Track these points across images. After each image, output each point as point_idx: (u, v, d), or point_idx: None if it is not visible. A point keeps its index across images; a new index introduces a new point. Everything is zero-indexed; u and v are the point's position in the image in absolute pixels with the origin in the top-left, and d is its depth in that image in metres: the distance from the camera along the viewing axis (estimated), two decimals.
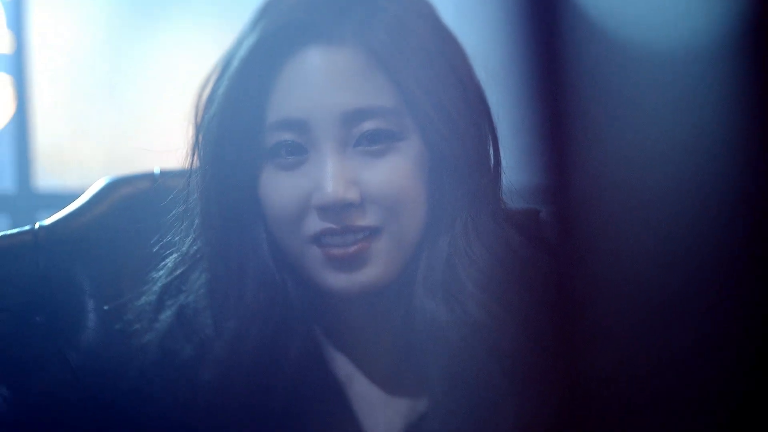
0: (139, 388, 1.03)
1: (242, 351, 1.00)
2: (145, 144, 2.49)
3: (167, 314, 1.03)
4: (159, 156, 1.13)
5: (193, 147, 1.03)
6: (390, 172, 0.98)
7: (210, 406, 1.00)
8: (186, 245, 1.04)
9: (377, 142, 0.98)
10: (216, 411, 1.00)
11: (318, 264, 0.99)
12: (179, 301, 1.03)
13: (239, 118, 0.99)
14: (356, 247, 0.97)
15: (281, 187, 0.99)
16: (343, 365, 1.05)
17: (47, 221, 1.15)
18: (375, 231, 0.98)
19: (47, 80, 2.54)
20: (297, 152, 0.99)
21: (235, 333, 1.00)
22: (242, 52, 0.99)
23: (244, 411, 1.00)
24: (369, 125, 0.98)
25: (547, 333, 0.93)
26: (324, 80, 0.98)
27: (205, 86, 1.02)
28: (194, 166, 1.03)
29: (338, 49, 0.98)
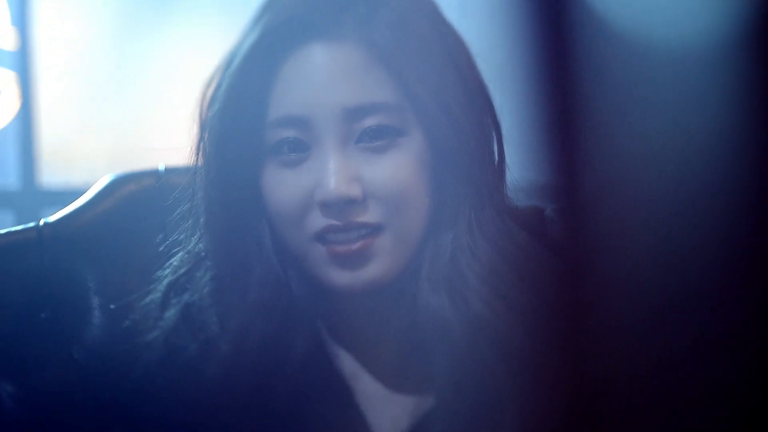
0: (144, 386, 1.03)
1: (246, 348, 1.00)
2: (150, 140, 2.49)
3: (172, 312, 1.03)
4: (164, 153, 1.13)
5: (198, 144, 1.03)
6: (392, 168, 0.98)
7: (215, 404, 1.00)
8: (191, 243, 1.04)
9: (379, 138, 0.98)
10: (221, 408, 1.00)
11: (322, 261, 0.99)
12: (184, 300, 1.03)
13: (241, 116, 0.99)
14: (360, 244, 0.97)
15: (284, 185, 0.99)
16: (348, 363, 1.05)
17: (52, 218, 1.15)
18: (378, 227, 0.98)
19: (52, 77, 2.54)
20: (299, 149, 0.99)
21: (239, 330, 1.00)
22: (244, 49, 0.99)
23: (249, 408, 1.00)
24: (371, 121, 0.98)
25: (552, 330, 0.93)
26: (325, 76, 0.98)
27: (210, 84, 1.02)
28: (199, 164, 1.03)
29: (339, 46, 0.98)
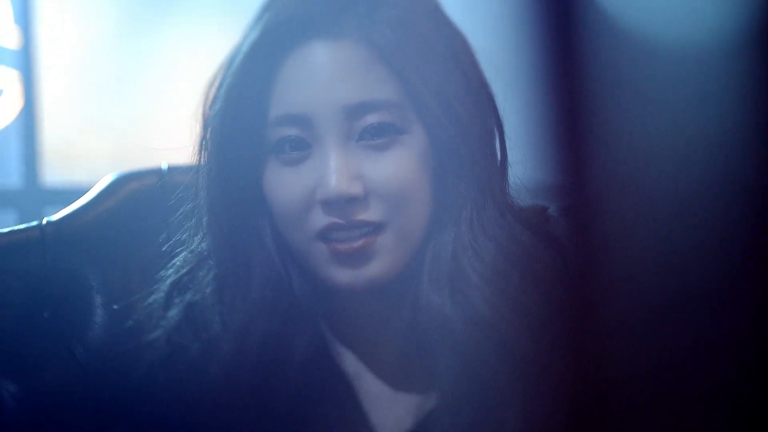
0: (146, 385, 1.03)
1: (248, 347, 0.99)
2: (153, 139, 2.49)
3: (175, 312, 1.03)
4: (167, 152, 1.13)
5: (200, 144, 1.03)
6: (394, 166, 0.98)
7: (217, 403, 1.00)
8: (194, 243, 1.04)
9: (380, 136, 0.98)
10: (223, 408, 1.00)
11: (323, 259, 0.99)
12: (187, 299, 1.03)
13: (242, 114, 0.99)
14: (361, 242, 0.97)
15: (285, 183, 0.99)
16: (351, 362, 1.05)
17: (54, 217, 1.15)
18: (379, 226, 0.98)
19: (54, 76, 2.54)
20: (300, 147, 0.99)
21: (241, 329, 1.00)
22: (244, 49, 0.99)
23: (251, 408, 1.00)
24: (372, 119, 0.97)
25: (555, 329, 0.93)
26: (326, 74, 0.98)
27: (212, 83, 1.02)
28: (201, 163, 1.03)
29: (340, 44, 0.98)
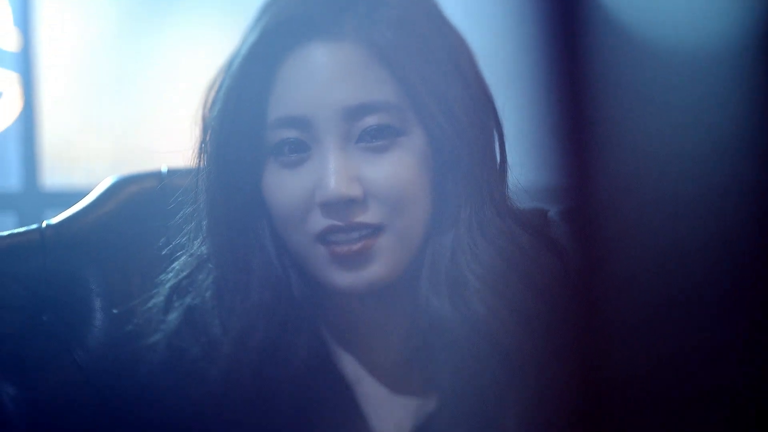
0: (147, 387, 1.03)
1: (248, 350, 0.99)
2: (153, 141, 2.49)
3: (175, 315, 1.03)
4: (166, 155, 1.13)
5: (200, 146, 1.02)
6: (393, 168, 0.98)
7: (217, 406, 1.00)
8: (194, 247, 1.04)
9: (380, 138, 0.98)
10: (224, 410, 1.00)
11: (323, 262, 0.99)
12: (187, 302, 1.03)
13: (242, 117, 0.99)
14: (361, 245, 0.97)
15: (285, 185, 0.99)
16: (351, 365, 1.04)
17: (54, 220, 1.15)
18: (379, 228, 0.98)
19: (54, 78, 2.54)
20: (300, 149, 0.98)
21: (241, 332, 1.00)
22: (244, 50, 0.99)
23: (252, 410, 1.00)
24: (371, 120, 0.97)
25: (553, 332, 0.92)
26: (325, 76, 0.98)
27: (212, 85, 1.02)
28: (201, 166, 1.03)
29: (340, 45, 0.98)
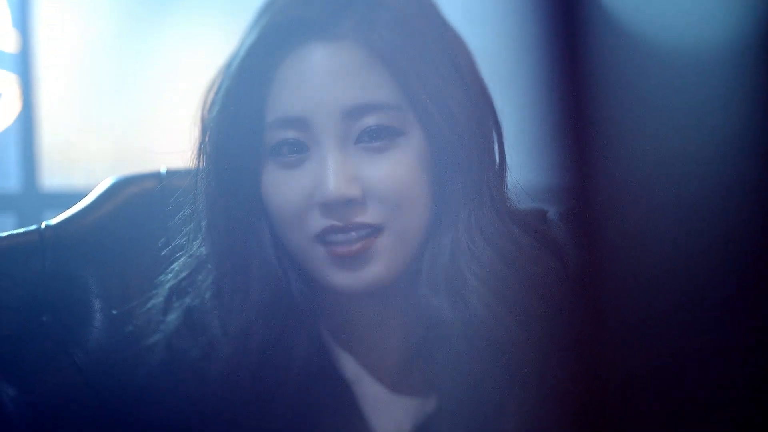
0: (147, 388, 1.03)
1: (247, 350, 0.99)
2: (152, 141, 2.49)
3: (174, 316, 1.02)
4: (165, 156, 1.13)
5: (199, 147, 1.02)
6: (392, 168, 0.98)
7: (217, 406, 1.00)
8: (194, 247, 1.04)
9: (378, 139, 0.98)
10: (223, 411, 1.00)
11: (322, 262, 0.99)
12: (186, 303, 1.03)
13: (240, 117, 0.99)
14: (360, 245, 0.97)
15: (284, 186, 0.99)
16: (350, 365, 1.04)
17: (53, 221, 1.15)
18: (378, 228, 0.98)
19: (53, 79, 2.54)
20: (298, 150, 0.98)
21: (240, 332, 1.00)
22: (242, 51, 0.99)
23: (251, 411, 1.00)
24: (370, 120, 0.97)
25: (552, 332, 0.92)
26: (324, 76, 0.98)
27: (212, 86, 1.02)
28: (200, 167, 1.03)
29: (338, 45, 0.98)
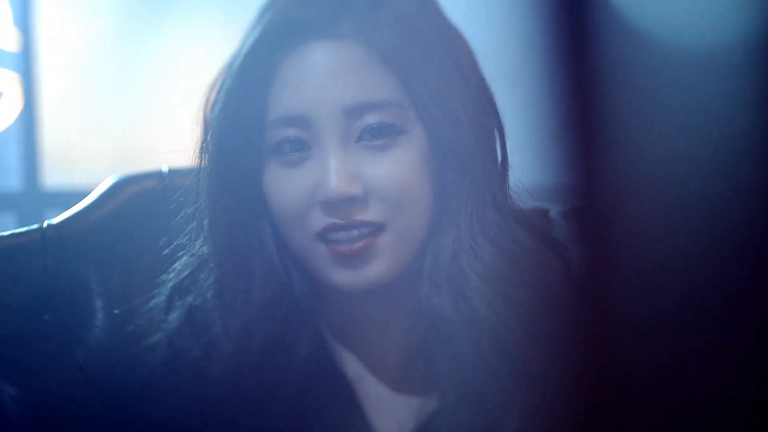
0: (148, 387, 1.03)
1: (249, 349, 0.99)
2: (153, 141, 2.49)
3: (176, 315, 1.02)
4: (167, 155, 1.13)
5: (201, 146, 1.03)
6: (393, 166, 0.98)
7: (218, 405, 1.00)
8: (196, 247, 1.04)
9: (380, 137, 0.98)
10: (225, 410, 1.00)
11: (324, 261, 0.99)
12: (188, 302, 1.03)
13: (242, 116, 0.99)
14: (362, 243, 0.97)
15: (285, 184, 0.99)
16: (352, 364, 1.04)
17: (55, 220, 1.15)
18: (380, 226, 0.98)
19: (54, 78, 2.54)
20: (300, 149, 0.99)
21: (242, 331, 1.00)
22: (244, 50, 0.99)
23: (253, 410, 1.00)
24: (371, 119, 0.97)
25: (554, 331, 0.92)
26: (325, 75, 0.98)
27: (213, 86, 1.02)
28: (202, 166, 1.03)
29: (339, 44, 0.98)
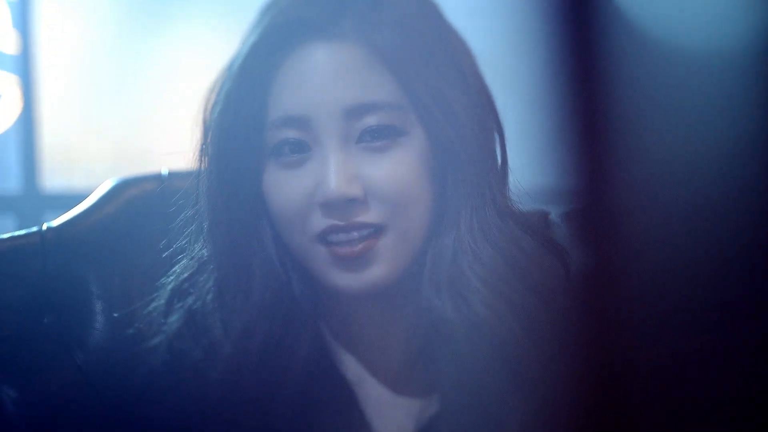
0: (148, 390, 1.03)
1: (249, 351, 0.99)
2: (153, 142, 2.49)
3: (176, 317, 1.02)
4: (166, 157, 1.13)
5: (201, 148, 1.02)
6: (393, 168, 0.98)
7: (219, 407, 1.00)
8: (195, 249, 1.04)
9: (380, 138, 0.98)
10: (225, 412, 1.00)
11: (324, 263, 0.98)
12: (188, 304, 1.02)
13: (242, 117, 0.99)
14: (362, 246, 0.97)
15: (285, 186, 0.99)
16: (352, 366, 1.04)
17: (54, 222, 1.15)
18: (380, 228, 0.98)
19: (54, 80, 2.54)
20: (300, 150, 0.98)
21: (242, 333, 1.00)
22: (244, 51, 0.99)
23: (253, 413, 0.99)
24: (371, 120, 0.97)
25: (555, 333, 0.92)
26: (325, 76, 0.98)
27: (214, 87, 1.02)
28: (202, 168, 1.03)
29: (339, 45, 0.98)
